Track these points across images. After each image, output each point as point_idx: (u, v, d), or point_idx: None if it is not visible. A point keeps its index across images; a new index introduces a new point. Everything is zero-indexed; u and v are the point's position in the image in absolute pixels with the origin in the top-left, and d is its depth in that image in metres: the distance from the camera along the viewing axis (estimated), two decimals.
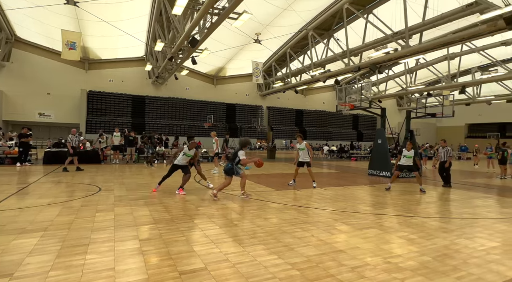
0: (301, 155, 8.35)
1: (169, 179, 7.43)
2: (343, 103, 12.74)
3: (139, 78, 27.79)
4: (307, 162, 8.35)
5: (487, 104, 31.40)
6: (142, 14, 18.69)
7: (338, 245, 3.80)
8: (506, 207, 6.55)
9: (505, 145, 12.34)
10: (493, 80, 22.86)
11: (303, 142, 8.35)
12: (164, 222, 4.58)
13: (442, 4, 14.77)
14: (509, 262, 3.37)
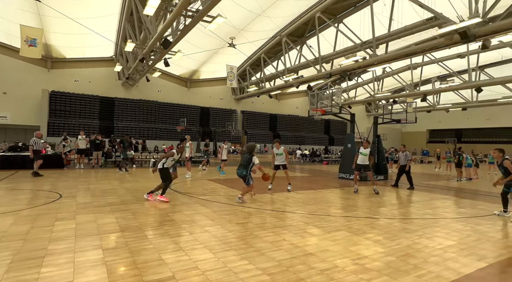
0: (278, 159, 8.58)
1: (138, 184, 7.13)
2: (315, 109, 13.08)
3: (107, 79, 26.58)
4: (283, 165, 8.63)
5: (446, 111, 33.86)
6: (112, 13, 17.97)
7: (309, 248, 3.86)
8: (462, 207, 7.05)
9: (460, 150, 13.33)
10: (450, 89, 24.71)
11: (281, 147, 8.70)
12: (131, 230, 4.38)
13: (406, 17, 15.76)
14: (463, 259, 3.61)
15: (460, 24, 11.41)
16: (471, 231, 4.90)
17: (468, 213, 6.30)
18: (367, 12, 15.97)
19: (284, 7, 18.12)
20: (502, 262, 3.57)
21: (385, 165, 12.82)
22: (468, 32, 11.69)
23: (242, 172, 6.80)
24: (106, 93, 26.56)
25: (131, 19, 16.82)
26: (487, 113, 35.91)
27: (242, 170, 6.80)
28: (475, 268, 3.34)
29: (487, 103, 27.64)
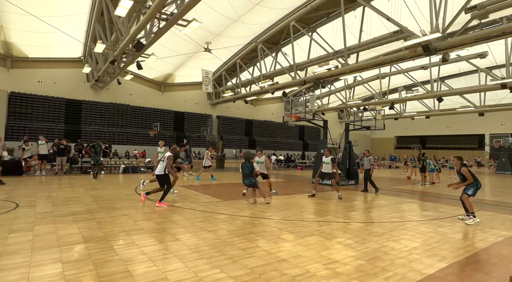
0: (258, 167, 8.58)
1: (106, 191, 6.78)
2: (290, 115, 13.30)
3: (75, 81, 25.22)
4: (265, 174, 8.85)
5: (411, 119, 35.90)
6: (81, 12, 17.17)
7: (282, 254, 3.86)
8: (426, 210, 7.44)
9: (424, 156, 14.15)
10: (415, 98, 26.28)
11: (262, 156, 8.88)
12: (96, 240, 4.12)
13: (375, 29, 16.61)
14: (427, 260, 3.79)
15: (423, 38, 12.20)
16: (433, 232, 5.17)
17: (431, 216, 6.66)
18: (339, 23, 16.62)
19: (259, 14, 18.37)
20: (461, 261, 3.79)
21: (356, 170, 13.27)
22: (430, 46, 12.54)
23: (251, 180, 7.39)
24: (73, 96, 25.20)
25: (101, 19, 16.18)
26: (448, 122, 38.56)
27: (251, 179, 7.40)
28: (436, 268, 3.51)
29: (448, 112, 29.69)
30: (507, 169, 23.89)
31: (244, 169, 7.39)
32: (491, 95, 25.18)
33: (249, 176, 7.37)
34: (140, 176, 13.18)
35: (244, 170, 7.39)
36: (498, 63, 21.29)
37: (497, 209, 7.81)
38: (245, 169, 7.37)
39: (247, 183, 7.48)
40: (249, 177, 7.37)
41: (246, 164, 7.38)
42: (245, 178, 7.43)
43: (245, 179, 7.43)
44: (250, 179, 7.36)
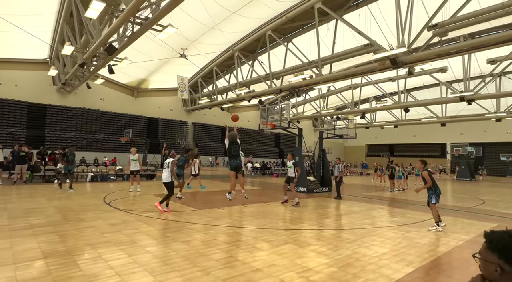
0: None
1: (72, 202, 6.39)
2: (266, 123, 13.41)
3: (39, 84, 23.72)
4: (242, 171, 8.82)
5: (381, 128, 37.64)
6: (48, 12, 16.33)
7: (256, 264, 3.82)
8: (394, 216, 7.76)
9: (393, 163, 14.83)
10: (384, 108, 27.64)
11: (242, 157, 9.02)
12: (57, 255, 3.84)
13: (347, 42, 17.37)
14: (395, 265, 3.93)
15: (390, 52, 12.93)
16: (401, 238, 5.38)
17: (399, 221, 6.95)
18: (313, 34, 17.17)
19: (236, 23, 18.54)
20: (426, 265, 3.97)
21: (330, 177, 13.59)
22: (397, 60, 13.30)
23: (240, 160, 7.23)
24: (37, 99, 23.66)
25: (70, 20, 15.48)
26: (414, 131, 40.87)
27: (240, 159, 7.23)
28: (404, 273, 3.65)
29: (413, 122, 31.49)
30: (466, 176, 25.65)
31: (233, 150, 7.08)
32: (452, 107, 27.10)
33: (238, 157, 7.16)
34: (110, 185, 12.56)
35: (233, 151, 7.08)
36: (457, 78, 23.04)
37: (458, 213, 8.33)
38: (234, 150, 7.08)
39: (236, 164, 7.05)
40: (238, 157, 7.17)
41: (235, 146, 7.12)
42: (234, 158, 7.06)
43: (235, 159, 7.06)
44: (239, 159, 7.21)
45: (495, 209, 9.49)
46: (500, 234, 1.23)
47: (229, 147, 7.08)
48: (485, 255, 1.25)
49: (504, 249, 1.18)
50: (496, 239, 1.22)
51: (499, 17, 11.76)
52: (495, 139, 35.18)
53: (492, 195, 13.67)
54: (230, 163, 7.07)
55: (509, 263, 1.15)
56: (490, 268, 1.21)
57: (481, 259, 1.26)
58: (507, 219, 7.70)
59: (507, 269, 1.16)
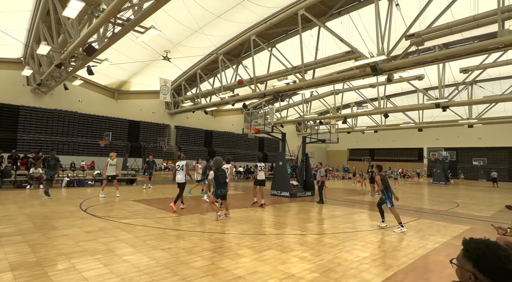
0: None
1: (45, 208, 6.07)
2: (249, 127, 13.40)
3: (11, 84, 22.55)
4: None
5: (362, 133, 38.63)
6: (23, 9, 15.63)
7: (238, 271, 3.76)
8: (375, 220, 7.92)
9: (373, 167, 15.18)
10: (365, 114, 28.40)
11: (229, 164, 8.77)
12: (26, 267, 3.61)
13: (329, 49, 17.78)
14: (375, 269, 3.99)
15: (371, 59, 13.33)
16: (381, 242, 5.50)
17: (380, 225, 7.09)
18: (296, 40, 17.44)
19: (221, 26, 18.52)
20: (404, 269, 4.06)
21: (312, 181, 13.73)
22: (377, 67, 13.73)
23: (225, 190, 7.06)
24: (9, 100, 22.49)
25: (47, 19, 14.90)
26: (393, 136, 42.23)
27: (226, 188, 7.17)
28: (384, 277, 3.71)
29: (392, 127, 32.56)
30: (442, 179, 26.73)
31: (220, 177, 6.93)
32: (428, 113, 28.26)
33: (225, 185, 7.03)
34: (87, 190, 12.08)
35: (220, 178, 6.93)
36: (432, 85, 24.08)
37: (434, 217, 8.63)
38: (221, 178, 6.94)
39: (222, 193, 6.95)
40: (225, 186, 7.06)
41: (221, 172, 6.97)
42: (221, 187, 6.95)
43: (222, 188, 6.94)
44: (226, 188, 7.09)
45: (468, 211, 9.91)
46: (477, 244, 1.27)
47: (215, 176, 6.91)
48: (461, 262, 1.28)
49: (478, 259, 1.21)
50: (472, 248, 1.26)
51: (470, 29, 12.45)
52: (467, 144, 36.96)
53: (465, 198, 14.30)
54: (217, 191, 6.90)
55: (483, 272, 1.19)
56: (465, 275, 1.25)
57: (457, 265, 1.30)
58: (479, 221, 8.05)
59: (480, 277, 1.20)
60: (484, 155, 35.29)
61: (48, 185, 9.83)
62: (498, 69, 21.61)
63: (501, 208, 10.78)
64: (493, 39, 10.70)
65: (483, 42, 11.18)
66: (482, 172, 34.27)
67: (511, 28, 10.11)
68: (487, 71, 20.81)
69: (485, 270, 1.19)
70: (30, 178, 12.24)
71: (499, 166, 33.71)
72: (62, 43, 15.15)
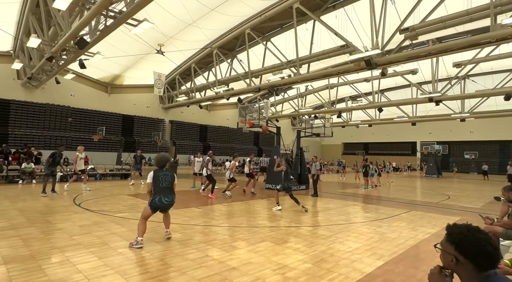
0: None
1: (37, 203, 6.04)
2: (244, 121, 13.39)
3: (1, 78, 22.05)
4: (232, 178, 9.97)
5: (356, 127, 38.88)
6: (12, 1, 15.25)
7: (232, 262, 3.81)
8: (368, 211, 8.05)
9: (367, 161, 15.36)
10: (359, 108, 28.56)
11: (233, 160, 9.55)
12: (19, 260, 3.61)
13: (324, 42, 17.75)
14: (367, 259, 4.08)
15: (365, 53, 13.35)
16: (373, 233, 5.60)
17: (372, 217, 7.22)
18: (291, 34, 17.37)
19: (215, 20, 18.32)
20: (395, 258, 4.15)
21: (307, 175, 13.83)
22: (371, 61, 13.77)
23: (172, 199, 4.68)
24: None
25: (37, 11, 14.57)
26: (387, 130, 42.60)
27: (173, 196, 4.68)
28: (375, 266, 3.80)
29: (386, 122, 32.82)
30: (434, 172, 27.14)
31: (163, 180, 4.55)
32: (421, 107, 28.53)
33: (171, 192, 4.67)
34: (81, 185, 12.01)
35: (163, 181, 4.54)
36: (426, 79, 24.27)
37: (425, 208, 8.79)
38: (164, 180, 4.56)
39: (166, 203, 4.57)
40: (172, 193, 4.67)
41: (166, 173, 4.62)
42: (165, 194, 4.53)
43: (166, 196, 4.54)
44: (172, 196, 4.67)
45: (459, 203, 10.12)
46: (460, 228, 1.32)
47: (156, 173, 4.57)
48: (444, 246, 1.35)
49: (460, 242, 1.27)
50: (455, 233, 1.32)
51: (463, 23, 12.52)
52: (460, 138, 37.49)
53: (456, 190, 14.57)
54: (155, 200, 4.47)
55: (463, 254, 1.25)
56: (447, 258, 1.32)
57: (441, 249, 1.36)
58: (469, 212, 8.23)
59: (461, 260, 1.25)
60: (476, 149, 35.87)
61: (54, 181, 9.39)
62: (490, 64, 21.84)
63: (490, 199, 11.03)
64: (485, 34, 10.80)
65: (476, 37, 11.28)
66: (474, 165, 34.87)
67: (503, 23, 10.20)
68: (479, 66, 21.03)
69: (466, 252, 1.24)
70: (22, 173, 12.10)
71: (490, 159, 34.33)
72: (52, 36, 14.86)
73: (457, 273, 1.31)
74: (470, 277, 1.25)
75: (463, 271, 1.26)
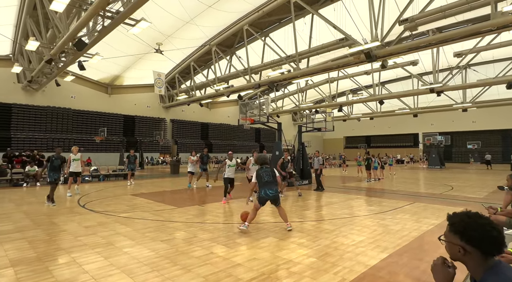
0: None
1: (43, 206, 6.09)
2: (245, 118, 13.36)
3: (2, 82, 22.16)
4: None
5: (357, 120, 38.74)
6: (9, 4, 15.23)
7: (237, 258, 3.83)
8: (371, 204, 8.05)
9: (369, 154, 15.32)
10: (360, 101, 28.45)
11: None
12: (26, 263, 3.65)
13: (323, 36, 17.62)
14: (371, 252, 4.09)
15: (365, 46, 13.26)
16: (377, 225, 5.60)
17: (375, 210, 7.22)
18: (290, 29, 17.26)
19: (213, 17, 18.22)
20: (399, 250, 4.16)
21: (309, 170, 13.83)
22: (371, 53, 13.68)
23: (276, 190, 5.30)
24: (1, 99, 22.19)
25: (34, 14, 14.56)
26: (388, 122, 42.45)
27: (275, 188, 5.32)
28: (379, 259, 3.81)
29: (388, 114, 32.69)
30: (437, 164, 27.05)
31: (265, 175, 5.30)
32: (423, 98, 28.36)
33: (274, 184, 5.31)
34: (84, 186, 12.09)
35: (265, 176, 5.29)
36: (427, 70, 24.09)
37: (429, 200, 8.78)
38: (266, 175, 5.30)
39: (271, 194, 5.19)
40: (275, 185, 5.31)
41: (266, 169, 5.38)
42: (267, 187, 5.21)
43: (268, 189, 5.20)
44: (275, 188, 5.30)
45: (462, 193, 10.10)
46: (461, 217, 1.30)
47: (257, 174, 5.37)
48: (449, 237, 1.32)
49: (464, 231, 1.24)
50: (457, 222, 1.29)
51: (464, 12, 12.37)
52: (462, 128, 37.30)
53: (460, 181, 14.53)
54: (261, 194, 5.25)
55: (470, 244, 1.22)
56: (454, 249, 1.29)
57: (446, 241, 1.33)
58: (473, 202, 8.22)
59: (469, 249, 1.22)
60: (478, 138, 35.70)
61: (53, 189, 7.91)
62: (492, 52, 21.65)
63: (494, 189, 10.99)
64: (486, 22, 10.69)
65: (476, 25, 11.16)
66: (477, 155, 34.71)
67: (504, 10, 10.08)
68: (480, 55, 20.84)
69: (472, 240, 1.21)
70: (26, 176, 12.19)
71: (492, 149, 34.16)
72: (51, 39, 14.87)
73: (465, 262, 1.28)
74: (477, 265, 1.22)
75: (471, 260, 1.24)
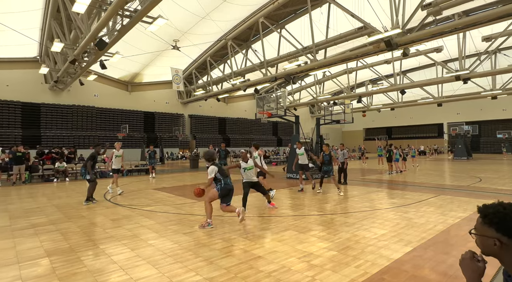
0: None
1: (72, 200, 6.42)
2: (262, 112, 13.35)
3: (31, 83, 23.40)
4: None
5: (378, 111, 37.62)
6: (34, 8, 15.92)
7: (257, 251, 3.88)
8: (393, 197, 7.86)
9: (391, 146, 14.88)
10: (380, 91, 27.54)
11: (256, 151, 8.09)
12: (60, 253, 3.88)
13: (340, 26, 17.15)
14: (394, 246, 4.00)
15: (384, 34, 12.78)
16: (400, 219, 5.47)
17: (398, 203, 7.04)
18: (306, 19, 16.92)
19: (228, 11, 18.19)
20: (424, 244, 4.05)
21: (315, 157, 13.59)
22: (392, 41, 13.16)
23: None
24: (30, 99, 23.41)
25: (58, 16, 15.14)
26: (410, 113, 40.92)
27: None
28: (402, 253, 3.73)
29: (410, 104, 31.49)
30: (463, 155, 25.87)
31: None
32: (447, 86, 27.03)
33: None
34: (109, 181, 12.60)
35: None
36: (452, 57, 22.89)
37: (455, 192, 8.44)
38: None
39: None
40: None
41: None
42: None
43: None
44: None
45: (492, 185, 9.62)
46: (495, 207, 1.20)
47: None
48: (481, 230, 1.23)
49: (500, 222, 1.16)
50: (491, 213, 1.20)
51: None
52: (491, 117, 35.33)
53: (488, 172, 13.84)
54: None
55: (508, 235, 1.14)
56: (488, 242, 1.20)
57: (478, 234, 1.25)
58: (504, 195, 7.82)
59: (506, 241, 1.15)
60: (509, 127, 33.67)
61: (94, 188, 7.63)
62: None
63: None
64: None
65: (507, 6, 10.43)
66: (508, 144, 32.82)
67: None
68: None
69: (510, 232, 1.15)
70: (56, 171, 12.87)
71: None
72: (74, 39, 15.43)
73: (501, 257, 1.19)
74: None
75: (508, 253, 1.16)
